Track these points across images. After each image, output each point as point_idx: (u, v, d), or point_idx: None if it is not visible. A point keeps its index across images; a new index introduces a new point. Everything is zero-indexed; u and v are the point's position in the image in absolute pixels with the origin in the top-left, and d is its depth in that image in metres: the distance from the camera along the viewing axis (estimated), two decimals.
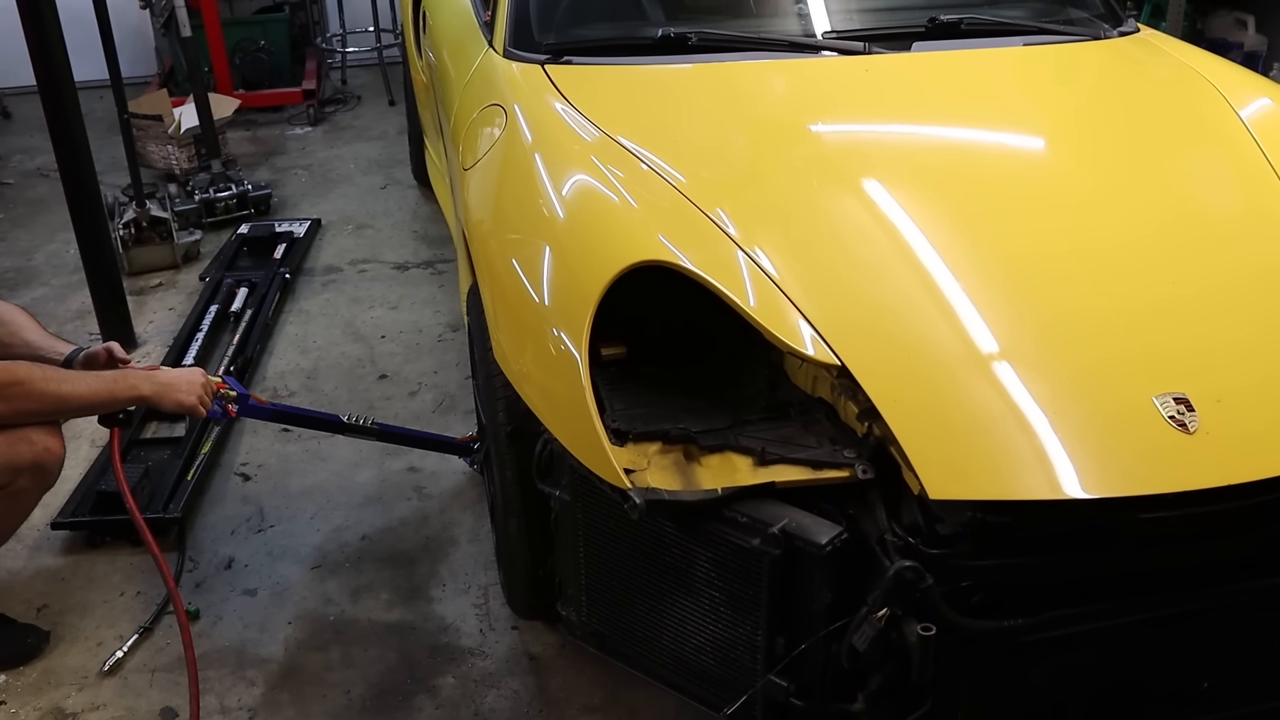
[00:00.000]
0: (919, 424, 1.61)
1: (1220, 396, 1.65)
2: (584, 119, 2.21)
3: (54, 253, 4.30)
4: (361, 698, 2.20)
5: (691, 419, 1.74)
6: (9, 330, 2.27)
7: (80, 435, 2.93)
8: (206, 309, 3.64)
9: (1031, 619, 1.59)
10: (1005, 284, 1.84)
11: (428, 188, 4.79)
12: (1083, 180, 2.13)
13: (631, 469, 1.66)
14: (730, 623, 1.70)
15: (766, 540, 1.58)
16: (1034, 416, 1.62)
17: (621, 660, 1.94)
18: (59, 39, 3.11)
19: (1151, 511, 1.56)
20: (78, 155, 3.24)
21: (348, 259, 4.22)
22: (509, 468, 2.03)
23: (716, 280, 1.76)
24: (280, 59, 6.25)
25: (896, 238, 1.91)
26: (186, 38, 4.59)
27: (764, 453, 1.67)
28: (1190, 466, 1.58)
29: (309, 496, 2.80)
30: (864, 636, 1.55)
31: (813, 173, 2.11)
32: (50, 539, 2.63)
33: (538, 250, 1.97)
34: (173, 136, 4.88)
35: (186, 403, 2.15)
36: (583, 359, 1.72)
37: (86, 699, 2.20)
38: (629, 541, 1.77)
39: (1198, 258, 1.95)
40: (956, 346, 1.72)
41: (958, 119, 2.37)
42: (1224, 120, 2.34)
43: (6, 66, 5.65)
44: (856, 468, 1.63)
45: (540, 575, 2.07)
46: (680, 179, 1.99)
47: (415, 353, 3.50)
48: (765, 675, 1.67)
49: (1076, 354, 1.72)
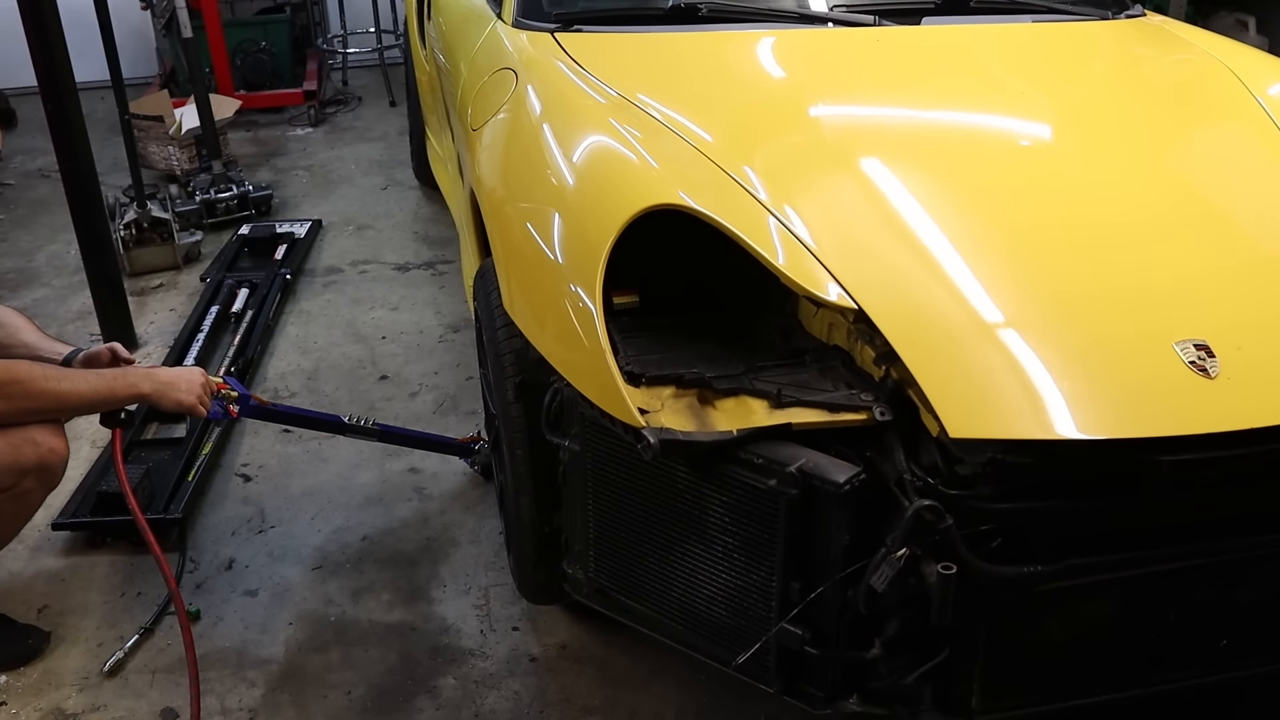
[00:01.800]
0: (938, 365, 1.60)
1: (1240, 344, 1.65)
2: (599, 81, 2.22)
3: (55, 253, 4.30)
4: (362, 698, 2.20)
5: (705, 364, 1.72)
6: (7, 332, 2.27)
7: (81, 436, 2.93)
8: (207, 310, 3.64)
9: (1050, 566, 1.58)
10: (1025, 237, 1.84)
11: (429, 188, 4.79)
12: (1101, 147, 2.15)
13: (645, 410, 1.63)
14: (744, 570, 1.67)
15: (783, 480, 1.56)
16: (1054, 360, 1.62)
17: (628, 617, 1.90)
18: (60, 40, 3.11)
19: (1172, 454, 1.55)
20: (79, 156, 3.24)
21: (349, 260, 4.22)
22: (517, 422, 2.00)
23: (733, 225, 1.75)
24: (281, 60, 6.25)
25: (913, 196, 1.91)
26: (188, 38, 4.59)
27: (780, 395, 1.64)
28: (1211, 409, 1.57)
29: (310, 497, 2.80)
30: (882, 577, 1.53)
31: (827, 137, 2.13)
32: (51, 540, 2.63)
33: (553, 204, 1.96)
34: (174, 137, 4.88)
35: (186, 401, 2.15)
36: (597, 301, 1.70)
37: (87, 700, 2.20)
38: (640, 488, 1.74)
39: (1218, 215, 1.97)
40: (976, 293, 1.71)
41: (970, 89, 2.39)
42: (1234, 93, 2.36)
43: (8, 67, 5.65)
44: (874, 410, 1.61)
45: (547, 533, 2.03)
46: (701, 137, 2.00)
47: (416, 354, 3.50)
48: (779, 623, 1.64)
49: (1097, 303, 1.72)
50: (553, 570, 2.05)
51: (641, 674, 2.24)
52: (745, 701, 2.17)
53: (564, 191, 1.97)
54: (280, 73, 6.24)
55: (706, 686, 2.21)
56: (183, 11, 4.60)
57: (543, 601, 2.31)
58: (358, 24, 6.58)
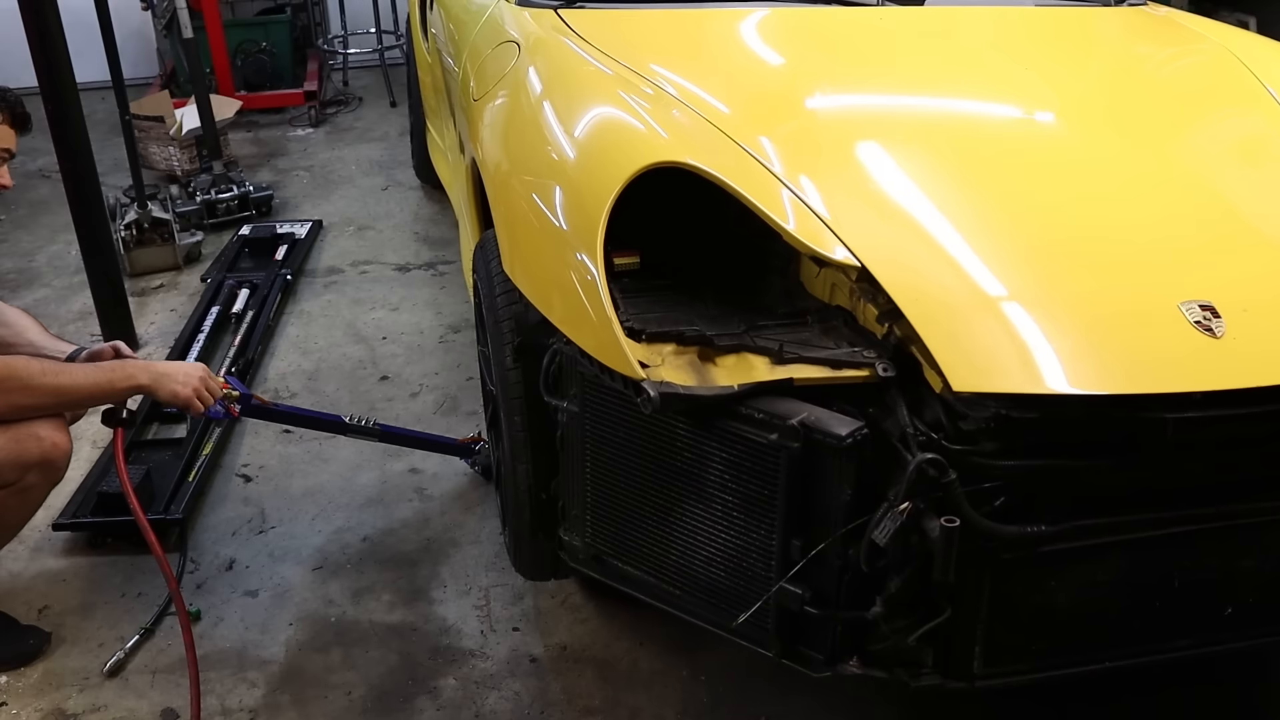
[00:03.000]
0: (941, 321, 1.59)
1: (1247, 307, 1.65)
2: (604, 55, 2.22)
3: (56, 254, 4.31)
4: (363, 699, 2.20)
5: (706, 323, 1.71)
6: (12, 332, 2.27)
7: (82, 436, 2.93)
8: (208, 310, 3.64)
9: (1054, 527, 1.57)
10: (1031, 204, 1.85)
11: (430, 187, 4.80)
12: (1107, 122, 2.16)
13: (645, 365, 1.62)
14: (743, 529, 1.66)
15: (784, 434, 1.54)
16: (1058, 318, 1.62)
17: (624, 584, 1.89)
18: (61, 40, 3.12)
19: (1177, 411, 1.54)
20: (79, 157, 3.24)
21: (349, 260, 4.22)
22: (515, 388, 1.99)
23: (736, 184, 1.74)
24: (282, 60, 6.26)
25: (917, 166, 1.92)
26: (188, 39, 4.59)
27: (781, 352, 1.63)
28: (1216, 367, 1.57)
29: (310, 498, 2.80)
30: (885, 530, 1.51)
31: (832, 111, 2.14)
32: (52, 540, 2.63)
33: (557, 165, 1.96)
34: (174, 138, 4.88)
35: (182, 394, 2.14)
36: (598, 256, 1.69)
37: (88, 700, 2.20)
38: (639, 448, 1.73)
39: (1223, 185, 1.98)
40: (981, 252, 1.71)
41: (973, 67, 2.42)
42: (1239, 75, 2.37)
43: (9, 68, 5.64)
44: (877, 366, 1.60)
45: (544, 499, 2.02)
46: (708, 105, 2.00)
47: (417, 354, 3.50)
48: (779, 582, 1.63)
49: (1102, 264, 1.73)
50: (550, 539, 2.03)
51: (642, 674, 2.24)
52: (746, 702, 2.17)
53: (567, 153, 1.96)
54: (281, 73, 6.24)
55: (707, 687, 2.21)
56: (183, 12, 4.61)
57: (539, 577, 2.30)
58: (358, 24, 6.58)
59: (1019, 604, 1.65)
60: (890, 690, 2.18)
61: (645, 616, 2.37)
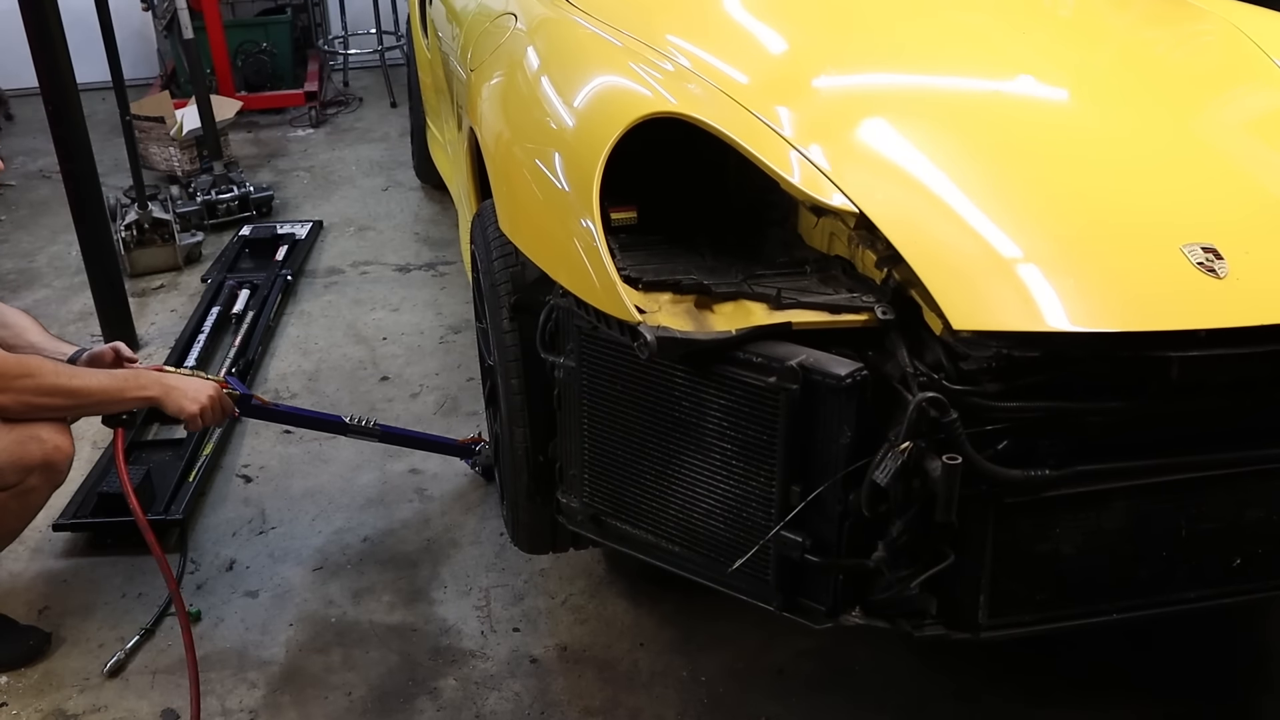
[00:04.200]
0: (941, 263, 1.58)
1: (1249, 249, 1.64)
2: (608, 26, 2.23)
3: (56, 254, 4.31)
4: (363, 700, 2.20)
5: (704, 274, 1.70)
6: (13, 333, 2.27)
7: (82, 437, 2.93)
8: (208, 311, 3.64)
9: (1058, 471, 1.55)
10: (1034, 154, 1.85)
11: (430, 188, 4.80)
12: (1113, 82, 2.16)
13: (643, 311, 1.61)
14: (743, 477, 1.64)
15: (783, 376, 1.53)
16: (1060, 259, 1.61)
17: (623, 544, 1.87)
18: (61, 41, 3.12)
19: (1181, 350, 1.53)
20: (80, 157, 3.24)
21: (349, 261, 4.22)
22: (511, 350, 1.99)
23: (734, 134, 1.74)
24: (282, 61, 6.26)
25: (914, 120, 1.92)
26: (188, 39, 4.60)
27: (779, 298, 1.62)
28: (1220, 306, 1.56)
29: (310, 498, 2.80)
30: (886, 470, 1.49)
31: (836, 74, 2.14)
32: (52, 541, 2.63)
33: (555, 136, 1.94)
34: (175, 138, 4.89)
35: (188, 410, 2.15)
36: (594, 205, 1.68)
37: (88, 701, 2.20)
38: (636, 399, 1.71)
39: (1223, 135, 1.99)
40: (980, 197, 1.70)
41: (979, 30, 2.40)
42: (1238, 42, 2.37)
43: (9, 68, 5.66)
44: (876, 309, 1.59)
45: (541, 462, 2.01)
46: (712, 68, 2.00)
47: (417, 355, 3.50)
48: (778, 527, 1.60)
49: (1103, 208, 1.72)
50: (547, 503, 2.02)
51: (643, 675, 2.24)
52: (746, 703, 2.17)
53: (565, 118, 1.95)
54: (281, 74, 6.25)
55: (707, 688, 2.21)
56: (184, 12, 4.61)
57: (537, 550, 2.27)
58: (358, 25, 6.59)
59: (1024, 551, 1.62)
60: (889, 692, 2.18)
61: (645, 618, 2.37)
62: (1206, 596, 1.74)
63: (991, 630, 1.65)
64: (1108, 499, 1.62)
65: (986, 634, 1.65)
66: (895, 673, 2.23)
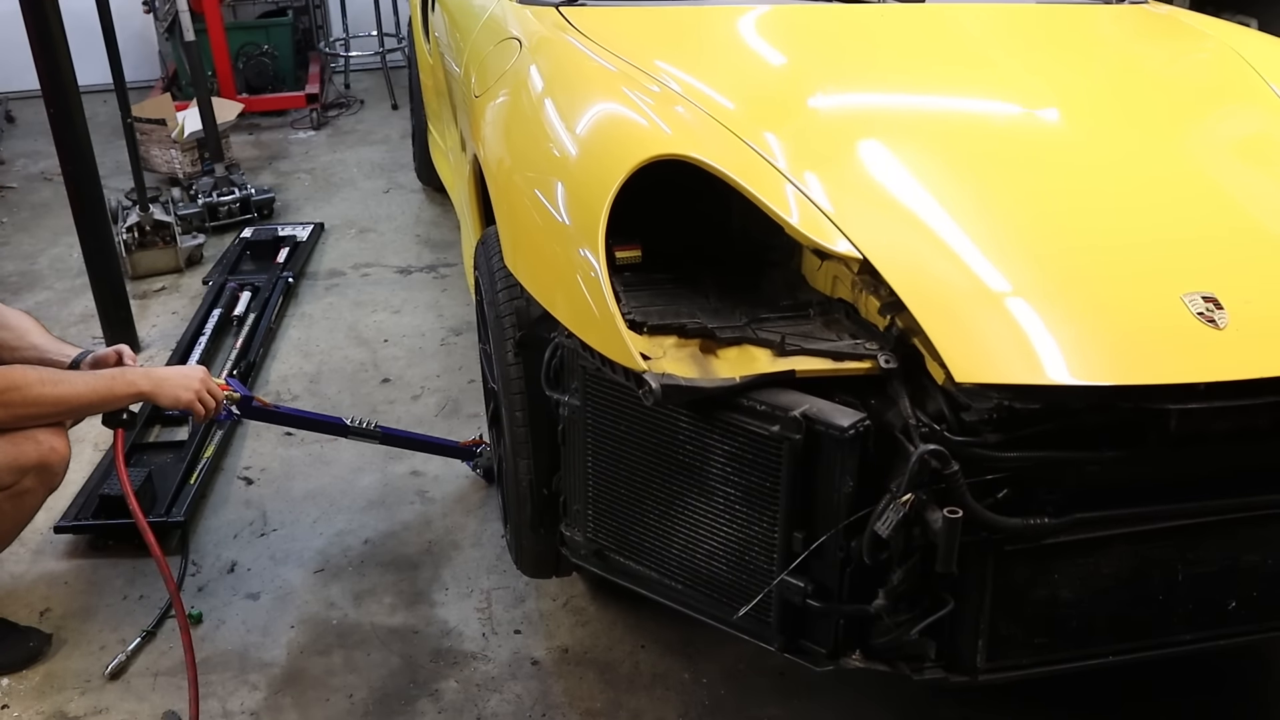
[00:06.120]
0: (943, 312, 1.59)
1: (1249, 298, 1.64)
2: (606, 51, 2.23)
3: (57, 257, 4.31)
4: (364, 702, 2.20)
5: (708, 316, 1.71)
6: (15, 335, 2.27)
7: (83, 439, 2.93)
8: (209, 313, 3.64)
9: (1057, 519, 1.56)
10: (1033, 197, 1.85)
11: (431, 189, 4.80)
12: (1108, 119, 2.16)
13: (647, 357, 1.62)
14: (745, 521, 1.65)
15: (786, 425, 1.54)
16: (1060, 309, 1.61)
17: (626, 579, 1.88)
18: (63, 43, 3.12)
19: (1180, 403, 1.53)
20: (81, 159, 3.24)
21: (351, 263, 4.22)
22: (516, 383, 1.99)
23: (739, 177, 1.74)
24: (283, 63, 6.27)
25: (919, 161, 1.92)
26: (190, 42, 4.60)
27: (783, 344, 1.63)
28: (1220, 358, 1.56)
29: (312, 500, 2.80)
30: (887, 522, 1.50)
31: (834, 106, 2.15)
32: (53, 543, 2.63)
33: (559, 160, 1.95)
34: (176, 140, 4.89)
35: (184, 399, 2.15)
36: (599, 249, 1.69)
37: (89, 703, 2.20)
38: (640, 441, 1.72)
39: (1227, 179, 1.97)
40: (982, 244, 1.70)
41: (975, 63, 2.42)
42: (1240, 69, 2.38)
43: (10, 71, 5.67)
44: (879, 357, 1.60)
45: (545, 495, 2.02)
46: (714, 103, 2.00)
47: (418, 356, 3.50)
48: (781, 575, 1.62)
49: (1104, 256, 1.72)
50: (551, 534, 2.03)
51: (644, 677, 2.24)
52: (747, 705, 2.17)
53: (569, 149, 1.96)
54: (282, 76, 6.25)
55: (709, 690, 2.20)
56: (185, 15, 4.61)
57: (540, 574, 2.29)
58: (360, 27, 6.59)
59: (1022, 597, 1.64)
60: (889, 694, 2.18)
61: (647, 620, 2.37)
62: (1203, 638, 1.75)
63: (989, 673, 1.67)
64: (1106, 545, 1.63)
65: (984, 677, 1.67)
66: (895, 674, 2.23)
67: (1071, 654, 1.71)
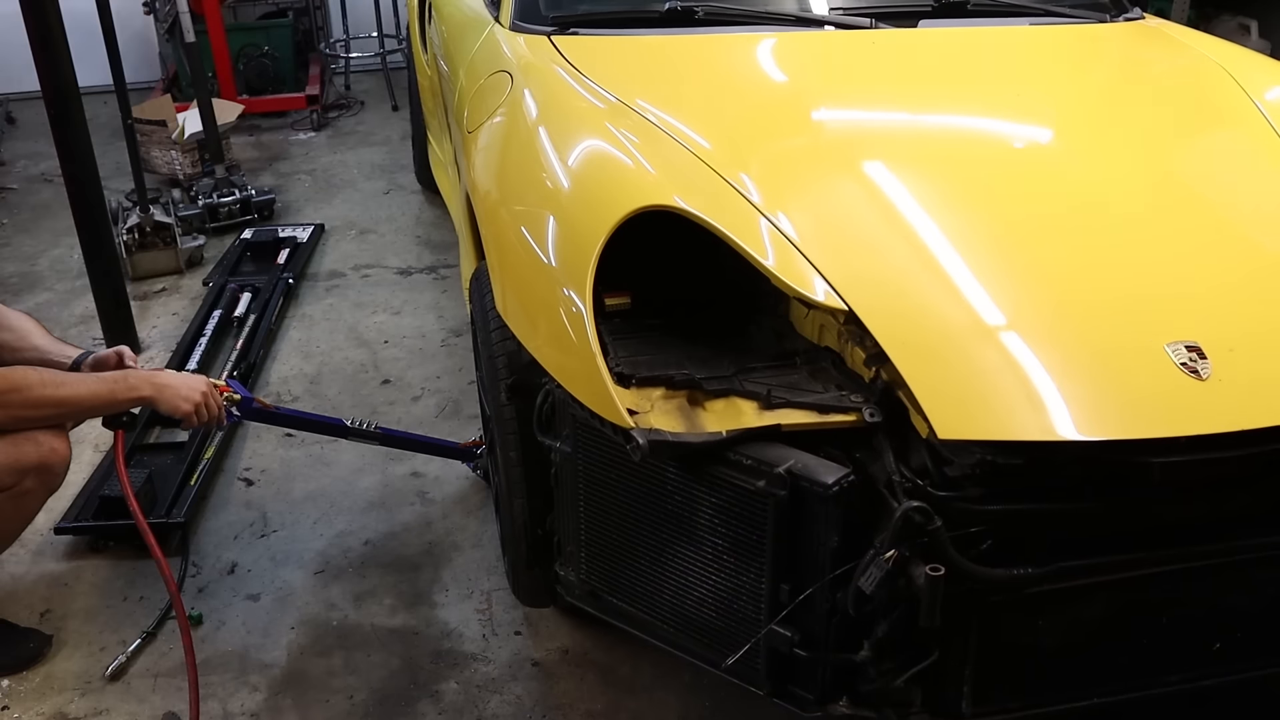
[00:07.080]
0: (927, 366, 1.59)
1: (1233, 346, 1.64)
2: (595, 85, 2.22)
3: (58, 258, 4.31)
4: (364, 703, 2.20)
5: (696, 366, 1.72)
6: (17, 336, 2.27)
7: (84, 440, 2.93)
8: (210, 314, 3.64)
9: (1041, 569, 1.57)
10: (1017, 241, 1.84)
11: (431, 191, 4.80)
12: (1095, 151, 2.15)
13: (635, 411, 1.63)
14: (733, 571, 1.66)
15: (772, 481, 1.55)
16: (1043, 362, 1.61)
17: (619, 619, 1.90)
18: (63, 44, 3.12)
19: (1163, 456, 1.54)
20: (82, 161, 3.24)
21: (351, 264, 4.22)
22: (509, 424, 2.00)
23: (724, 228, 1.75)
24: (284, 64, 6.26)
25: (906, 200, 1.91)
26: (190, 43, 4.60)
27: (769, 397, 1.64)
28: (1203, 411, 1.56)
29: (312, 501, 2.80)
30: (871, 579, 1.52)
31: (823, 142, 2.14)
32: (54, 544, 2.63)
33: (547, 206, 1.95)
34: (176, 142, 4.89)
35: (183, 408, 2.15)
36: (587, 302, 1.70)
37: (89, 704, 2.20)
38: (630, 490, 1.74)
39: (1214, 219, 1.96)
40: (966, 295, 1.71)
41: (966, 92, 2.39)
42: (1233, 96, 2.36)
43: (11, 72, 5.67)
44: (864, 411, 1.60)
45: (540, 534, 2.03)
46: (697, 142, 2.00)
47: (418, 358, 3.50)
48: (768, 625, 1.63)
49: (1088, 305, 1.72)
50: (546, 573, 2.05)
51: (644, 679, 2.24)
52: (747, 708, 2.17)
53: (558, 194, 1.97)
54: (283, 77, 6.24)
55: (709, 692, 2.20)
56: (185, 16, 4.61)
57: (537, 604, 2.31)
58: (360, 28, 6.59)
59: (1006, 644, 1.66)
60: None
61: None
62: (1188, 679, 1.76)
63: (975, 718, 1.67)
64: (1090, 592, 1.64)
65: None
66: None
67: (1057, 699, 1.72)
